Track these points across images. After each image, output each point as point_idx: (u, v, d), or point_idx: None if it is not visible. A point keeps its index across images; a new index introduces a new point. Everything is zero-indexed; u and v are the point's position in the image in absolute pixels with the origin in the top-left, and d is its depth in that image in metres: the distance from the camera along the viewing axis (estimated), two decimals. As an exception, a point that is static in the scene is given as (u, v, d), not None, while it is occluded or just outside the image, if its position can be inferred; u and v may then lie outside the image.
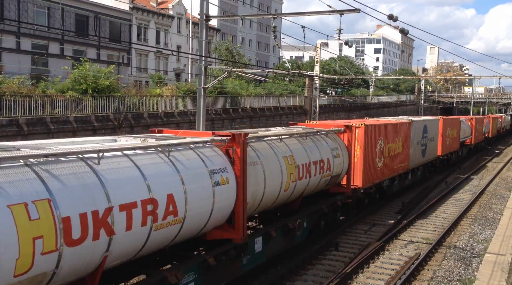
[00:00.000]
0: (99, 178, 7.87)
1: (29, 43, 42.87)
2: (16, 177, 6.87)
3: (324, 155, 15.77)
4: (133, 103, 30.36)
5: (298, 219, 14.68)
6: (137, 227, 8.40)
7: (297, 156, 14.16)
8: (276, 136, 13.93)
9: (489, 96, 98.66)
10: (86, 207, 7.45)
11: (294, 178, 13.82)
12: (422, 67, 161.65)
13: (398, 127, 23.67)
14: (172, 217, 9.17)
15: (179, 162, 9.77)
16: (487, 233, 18.80)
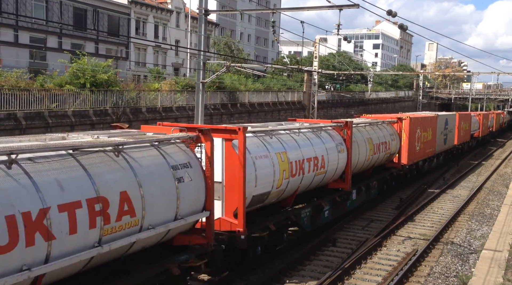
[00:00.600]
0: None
1: (27, 37, 42.72)
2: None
3: (386, 138, 22.74)
4: (131, 97, 30.29)
5: (374, 181, 21.89)
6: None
7: (374, 138, 21.14)
8: (363, 124, 21.61)
9: (487, 92, 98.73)
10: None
11: (372, 153, 20.92)
12: (421, 63, 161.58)
13: (429, 120, 29.76)
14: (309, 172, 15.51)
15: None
16: (484, 229, 18.86)
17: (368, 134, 20.99)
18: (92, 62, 29.77)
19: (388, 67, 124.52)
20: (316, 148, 16.06)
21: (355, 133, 19.50)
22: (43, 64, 41.32)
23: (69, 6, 45.49)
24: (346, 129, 18.30)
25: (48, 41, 43.93)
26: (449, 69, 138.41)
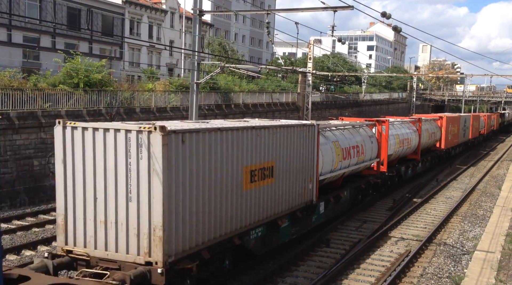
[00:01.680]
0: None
1: (20, 36, 42.52)
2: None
3: (433, 130, 33.36)
4: (125, 98, 30.20)
5: (423, 159, 31.55)
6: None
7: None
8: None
9: (480, 94, 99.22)
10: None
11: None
12: (415, 65, 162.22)
13: (455, 118, 40.05)
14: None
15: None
16: (476, 231, 18.95)
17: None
18: (86, 62, 29.68)
19: (382, 69, 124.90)
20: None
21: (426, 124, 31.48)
22: (37, 63, 41.13)
23: (63, 5, 45.31)
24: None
25: (42, 41, 43.73)
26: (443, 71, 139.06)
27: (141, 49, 57.39)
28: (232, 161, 11.60)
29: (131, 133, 9.80)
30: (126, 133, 9.85)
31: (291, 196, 14.71)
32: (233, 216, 11.76)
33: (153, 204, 9.59)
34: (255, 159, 12.56)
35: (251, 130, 12.35)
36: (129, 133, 9.82)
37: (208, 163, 10.75)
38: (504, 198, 23.91)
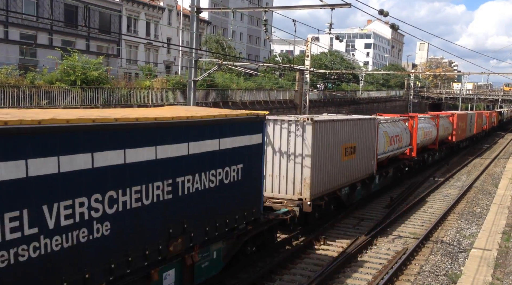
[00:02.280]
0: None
1: (17, 33, 42.37)
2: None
3: (447, 125, 38.92)
4: (122, 95, 30.17)
5: (440, 148, 37.51)
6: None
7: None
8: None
9: (477, 92, 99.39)
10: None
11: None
12: (412, 63, 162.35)
13: (464, 115, 45.79)
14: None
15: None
16: (473, 228, 19.00)
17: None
18: (83, 59, 29.62)
19: (380, 66, 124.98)
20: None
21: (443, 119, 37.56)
22: (33, 61, 41.03)
23: (60, 2, 45.17)
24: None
25: (39, 38, 43.60)
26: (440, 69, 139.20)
27: (138, 46, 57.28)
28: (337, 141, 18.26)
29: (294, 122, 16.44)
30: (291, 122, 16.44)
31: (363, 168, 21.17)
32: (336, 177, 18.45)
33: (303, 165, 16.48)
34: (347, 140, 19.14)
35: (345, 122, 19.09)
36: (293, 122, 16.45)
37: (327, 142, 17.40)
38: (500, 196, 23.96)
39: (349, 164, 19.46)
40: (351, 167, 19.65)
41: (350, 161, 19.46)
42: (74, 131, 7.49)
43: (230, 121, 11.45)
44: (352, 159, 19.66)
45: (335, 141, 18.04)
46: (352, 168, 19.77)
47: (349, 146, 19.34)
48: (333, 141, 17.87)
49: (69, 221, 7.49)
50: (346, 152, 19.12)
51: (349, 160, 19.34)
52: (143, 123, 8.77)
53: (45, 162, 7.05)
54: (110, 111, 9.78)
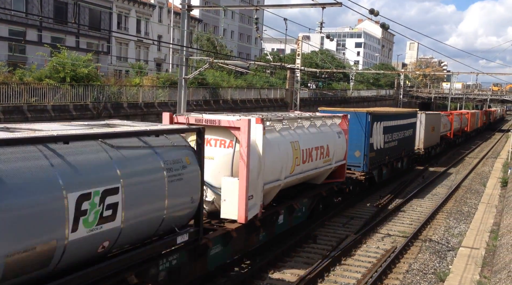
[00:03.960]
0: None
1: (6, 30, 41.98)
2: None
3: (463, 119, 53.92)
4: (112, 92, 30.01)
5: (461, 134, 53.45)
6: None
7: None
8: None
9: (466, 92, 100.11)
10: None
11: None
12: (402, 62, 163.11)
13: (474, 113, 61.58)
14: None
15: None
16: (461, 227, 19.16)
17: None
18: (72, 56, 29.41)
19: (370, 66, 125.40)
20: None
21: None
22: (22, 57, 40.64)
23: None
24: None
25: (28, 34, 43.22)
26: (430, 68, 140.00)
27: (129, 43, 56.99)
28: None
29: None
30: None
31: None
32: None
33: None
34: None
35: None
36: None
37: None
38: (488, 195, 24.21)
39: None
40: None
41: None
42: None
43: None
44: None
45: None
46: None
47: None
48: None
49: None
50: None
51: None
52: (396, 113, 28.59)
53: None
54: (381, 109, 26.78)
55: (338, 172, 19.24)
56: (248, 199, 12.52)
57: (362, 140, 22.19)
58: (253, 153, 12.66)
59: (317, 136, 17.02)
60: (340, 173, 19.30)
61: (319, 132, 17.29)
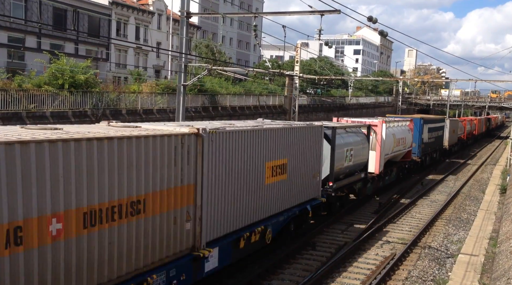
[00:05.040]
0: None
1: (5, 36, 42.03)
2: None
3: (472, 124, 63.73)
4: (111, 99, 30.01)
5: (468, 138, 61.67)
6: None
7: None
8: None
9: (465, 99, 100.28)
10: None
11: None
12: (400, 69, 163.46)
13: (481, 119, 75.23)
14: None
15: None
16: (461, 234, 19.12)
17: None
18: (70, 62, 29.43)
19: (368, 72, 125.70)
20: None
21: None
22: (21, 64, 40.69)
23: (49, 6, 44.91)
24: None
25: (27, 41, 43.29)
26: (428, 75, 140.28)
27: (127, 50, 57.09)
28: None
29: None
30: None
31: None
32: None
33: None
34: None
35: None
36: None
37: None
38: (487, 202, 24.19)
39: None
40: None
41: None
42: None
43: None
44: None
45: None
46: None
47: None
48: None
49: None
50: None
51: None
52: (435, 118, 42.88)
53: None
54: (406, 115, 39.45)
55: (407, 154, 31.02)
56: (379, 162, 24.64)
57: (418, 136, 32.96)
58: (380, 139, 24.63)
59: (402, 131, 28.94)
60: (408, 155, 31.22)
61: (402, 129, 29.17)
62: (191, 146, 10.38)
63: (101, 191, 8.22)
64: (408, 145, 30.24)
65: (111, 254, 8.55)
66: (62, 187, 7.55)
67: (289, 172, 15.08)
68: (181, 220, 10.20)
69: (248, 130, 12.65)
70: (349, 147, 20.90)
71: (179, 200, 10.08)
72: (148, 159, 9.18)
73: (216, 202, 11.43)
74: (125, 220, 8.75)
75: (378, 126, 24.44)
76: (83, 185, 7.90)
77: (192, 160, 10.41)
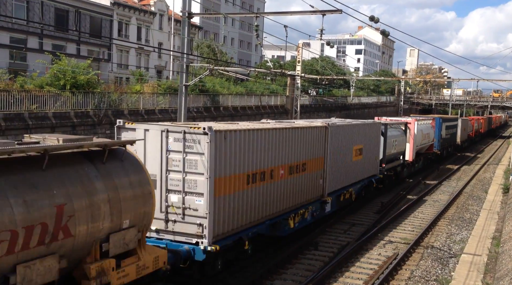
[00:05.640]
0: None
1: (7, 37, 42.08)
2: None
3: (480, 122, 67.77)
4: (113, 99, 30.00)
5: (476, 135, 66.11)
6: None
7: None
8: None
9: (467, 98, 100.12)
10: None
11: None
12: (402, 69, 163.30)
13: (488, 118, 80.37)
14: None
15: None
16: (463, 234, 19.08)
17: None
18: (72, 63, 29.43)
19: (370, 72, 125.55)
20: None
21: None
22: (23, 65, 40.72)
23: (51, 6, 44.94)
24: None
25: (29, 42, 43.32)
26: (430, 75, 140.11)
27: (129, 51, 57.11)
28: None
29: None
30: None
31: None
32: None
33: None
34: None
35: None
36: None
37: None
38: (490, 202, 24.13)
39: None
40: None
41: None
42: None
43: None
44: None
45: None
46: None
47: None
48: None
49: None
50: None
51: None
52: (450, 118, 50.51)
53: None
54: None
55: (430, 148, 36.84)
56: (412, 152, 30.48)
57: (438, 133, 38.43)
58: (413, 133, 30.50)
59: (427, 128, 35.00)
60: (430, 148, 37.13)
61: (427, 126, 35.11)
62: (322, 134, 17.59)
63: (291, 156, 15.21)
64: (431, 140, 36.32)
65: (296, 191, 15.78)
66: (274, 153, 14.28)
67: (363, 154, 21.72)
68: (317, 177, 17.41)
69: (348, 125, 20.31)
70: (394, 138, 27.51)
71: (317, 165, 17.30)
72: (306, 140, 16.24)
73: (332, 169, 18.40)
74: (301, 173, 16.01)
75: (411, 124, 30.62)
76: (283, 152, 14.68)
77: (323, 142, 17.64)
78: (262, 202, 13.75)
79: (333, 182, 18.58)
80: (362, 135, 21.36)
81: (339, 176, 19.13)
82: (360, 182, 21.80)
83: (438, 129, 38.40)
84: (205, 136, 11.41)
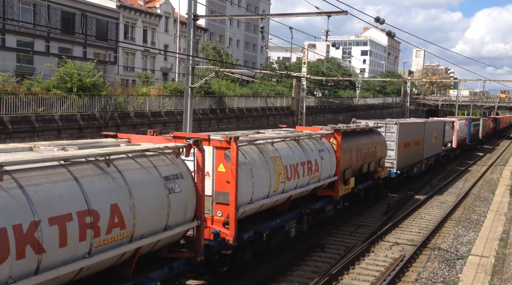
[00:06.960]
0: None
1: (14, 40, 42.37)
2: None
3: (489, 123, 69.03)
4: (119, 102, 30.12)
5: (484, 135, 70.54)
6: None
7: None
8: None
9: (473, 99, 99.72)
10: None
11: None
12: (408, 70, 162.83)
13: (496, 118, 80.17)
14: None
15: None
16: (471, 235, 18.99)
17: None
18: (77, 65, 29.57)
19: (376, 73, 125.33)
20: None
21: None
22: (30, 68, 40.98)
23: (57, 10, 45.20)
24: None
25: (36, 45, 43.57)
26: (436, 76, 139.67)
27: (135, 53, 57.34)
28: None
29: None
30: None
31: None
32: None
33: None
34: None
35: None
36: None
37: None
38: (497, 203, 23.99)
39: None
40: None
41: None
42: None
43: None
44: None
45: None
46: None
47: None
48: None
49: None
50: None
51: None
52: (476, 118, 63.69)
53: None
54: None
55: (464, 140, 47.84)
56: (456, 141, 43.89)
57: (469, 129, 48.95)
58: (456, 128, 43.81)
59: (462, 125, 46.39)
60: (464, 140, 48.34)
61: (463, 124, 46.50)
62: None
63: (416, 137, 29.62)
64: (465, 134, 47.68)
65: (412, 155, 29.46)
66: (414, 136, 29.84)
67: (436, 139, 35.38)
68: (421, 150, 31.17)
69: (415, 123, 31.46)
70: (448, 131, 40.15)
71: (420, 143, 30.64)
72: (419, 130, 31.14)
73: (425, 146, 31.78)
74: (415, 146, 29.44)
75: (456, 122, 43.34)
76: (410, 136, 28.74)
77: (423, 132, 31.12)
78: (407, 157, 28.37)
79: (426, 153, 32.08)
80: (435, 128, 35.13)
81: (428, 150, 32.58)
82: (431, 157, 34.39)
83: (469, 127, 49.57)
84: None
